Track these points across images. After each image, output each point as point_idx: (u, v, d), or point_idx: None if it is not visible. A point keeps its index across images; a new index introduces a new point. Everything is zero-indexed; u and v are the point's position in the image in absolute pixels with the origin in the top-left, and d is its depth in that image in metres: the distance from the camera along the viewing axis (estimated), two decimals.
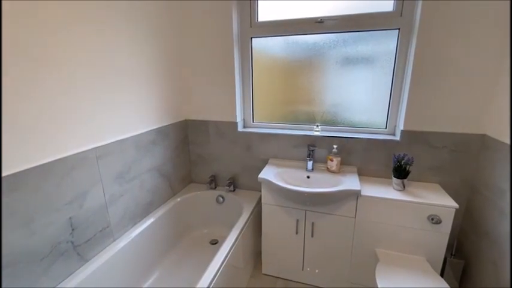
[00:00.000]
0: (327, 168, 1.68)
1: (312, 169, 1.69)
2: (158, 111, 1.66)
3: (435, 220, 1.33)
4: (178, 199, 1.87)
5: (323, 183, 1.56)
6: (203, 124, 1.96)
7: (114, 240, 1.37)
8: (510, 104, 0.45)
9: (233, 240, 1.42)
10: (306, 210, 1.56)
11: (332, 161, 1.64)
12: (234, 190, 1.99)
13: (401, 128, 1.56)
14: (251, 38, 1.78)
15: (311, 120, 1.84)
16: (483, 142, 1.43)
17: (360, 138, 1.65)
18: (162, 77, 1.66)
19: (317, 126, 1.74)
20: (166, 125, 1.76)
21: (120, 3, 1.28)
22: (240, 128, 1.91)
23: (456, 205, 1.32)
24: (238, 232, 1.50)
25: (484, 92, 1.38)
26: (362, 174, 1.68)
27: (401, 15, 1.48)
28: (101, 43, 1.20)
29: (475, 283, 1.43)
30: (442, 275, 1.50)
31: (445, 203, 1.34)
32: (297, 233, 1.62)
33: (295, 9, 1.66)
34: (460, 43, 1.34)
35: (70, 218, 1.12)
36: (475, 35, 1.31)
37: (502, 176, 1.26)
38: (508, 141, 1.23)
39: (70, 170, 1.10)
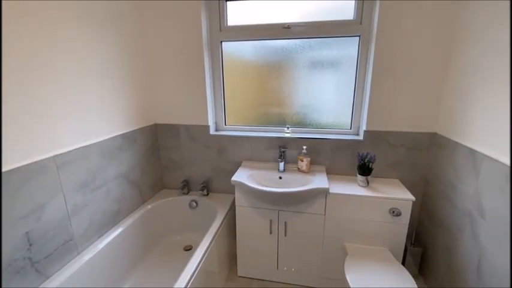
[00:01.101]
0: (298, 168, 1.74)
1: (284, 170, 1.74)
2: (125, 115, 1.60)
3: (395, 213, 1.44)
4: (149, 206, 1.81)
5: (294, 183, 1.61)
6: (174, 128, 1.92)
7: (79, 253, 1.29)
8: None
9: (207, 245, 1.41)
10: (279, 210, 1.59)
11: (302, 161, 1.70)
12: (207, 194, 1.98)
13: (364, 128, 1.67)
14: (221, 42, 1.79)
15: (282, 122, 1.89)
16: (434, 140, 1.59)
17: (327, 138, 1.73)
18: (127, 79, 1.61)
19: (288, 128, 1.80)
20: (134, 130, 1.69)
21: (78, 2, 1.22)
22: (212, 131, 1.90)
23: (413, 198, 1.44)
24: (212, 236, 1.49)
25: (432, 94, 1.53)
26: (330, 172, 1.77)
27: (361, 24, 1.59)
28: (53, 39, 1.12)
29: (432, 268, 1.57)
30: (403, 263, 1.63)
31: (403, 196, 1.46)
32: (270, 233, 1.65)
33: (263, 14, 1.71)
34: (410, 50, 1.48)
35: (27, 232, 1.03)
36: (423, 42, 1.46)
37: (451, 169, 1.40)
38: (454, 139, 1.38)
39: (26, 181, 1.02)
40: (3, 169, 0.94)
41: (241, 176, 1.64)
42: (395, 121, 1.61)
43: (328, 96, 1.80)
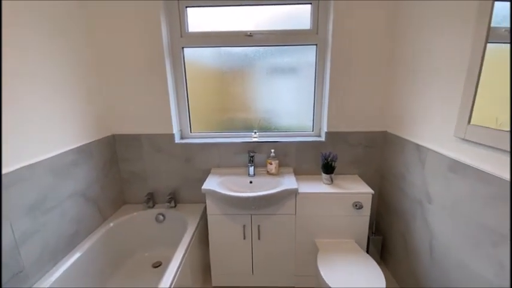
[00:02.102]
0: (267, 171, 1.78)
1: (254, 174, 1.76)
2: (78, 127, 1.46)
3: (358, 206, 1.57)
4: (111, 224, 1.66)
5: (265, 186, 1.64)
6: (134, 138, 1.81)
7: (32, 285, 1.12)
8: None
9: (179, 260, 1.34)
10: (251, 215, 1.61)
11: (271, 164, 1.75)
12: (175, 206, 1.89)
13: (325, 130, 1.79)
14: (182, 48, 1.76)
15: (249, 127, 1.92)
16: (385, 137, 1.78)
17: (293, 141, 1.81)
18: (79, 88, 1.47)
19: (255, 132, 1.83)
20: (89, 143, 1.55)
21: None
22: (177, 140, 1.84)
23: (372, 191, 1.59)
24: (184, 250, 1.43)
25: (382, 96, 1.71)
26: (297, 173, 1.85)
27: (317, 33, 1.71)
28: None
29: (391, 253, 1.74)
30: (367, 251, 1.77)
31: (363, 190, 1.60)
32: (244, 238, 1.65)
33: (226, 22, 1.73)
34: (362, 57, 1.64)
35: None
36: (373, 49, 1.63)
37: (401, 163, 1.58)
38: (402, 136, 1.57)
39: None
40: None
41: (212, 184, 1.61)
42: (352, 122, 1.76)
43: (291, 101, 1.89)
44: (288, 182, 1.62)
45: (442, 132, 1.21)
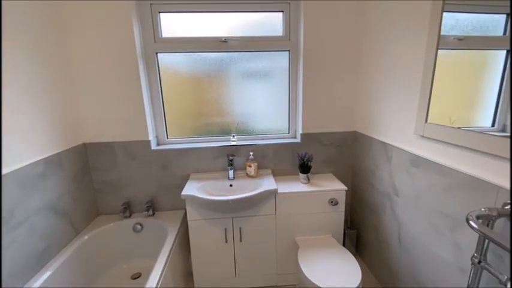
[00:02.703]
0: (247, 174, 1.82)
1: (234, 177, 1.79)
2: (46, 136, 1.38)
3: (333, 202, 1.66)
4: (86, 237, 1.58)
5: (246, 189, 1.67)
6: (107, 146, 1.74)
7: None
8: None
9: (161, 269, 1.31)
10: (232, 218, 1.63)
11: (250, 167, 1.78)
12: (153, 214, 1.85)
13: (300, 131, 1.87)
14: (156, 53, 1.74)
15: (227, 131, 1.94)
16: (355, 137, 1.90)
17: (270, 143, 1.87)
18: (48, 95, 1.40)
19: (233, 136, 1.86)
20: (58, 153, 1.47)
21: None
22: (153, 146, 1.81)
23: (345, 187, 1.69)
24: (165, 258, 1.40)
25: (351, 97, 1.83)
26: (276, 174, 1.90)
27: (289, 39, 1.79)
28: None
29: (365, 245, 1.86)
30: (344, 245, 1.87)
31: (338, 187, 1.69)
32: (226, 241, 1.66)
33: (200, 28, 1.74)
34: (333, 61, 1.75)
35: None
36: (342, 53, 1.75)
37: (370, 160, 1.71)
38: (370, 135, 1.69)
39: None
40: None
41: (192, 189, 1.61)
42: (325, 123, 1.86)
43: (267, 104, 1.95)
44: (268, 184, 1.67)
45: (405, 131, 1.33)
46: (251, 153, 1.80)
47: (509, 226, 0.55)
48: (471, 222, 0.80)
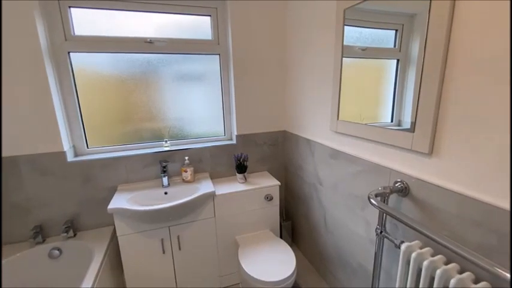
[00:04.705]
0: (183, 179, 1.77)
1: (168, 184, 1.71)
2: None
3: (269, 198, 1.77)
4: None
5: (181, 195, 1.62)
6: (9, 161, 1.46)
7: None
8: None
9: None
10: (169, 227, 1.56)
11: (186, 171, 1.74)
12: (75, 235, 1.62)
13: (236, 133, 1.93)
14: (68, 53, 1.54)
15: (158, 136, 1.85)
16: (285, 136, 2.06)
17: (206, 146, 1.87)
18: None
19: (166, 141, 1.79)
20: None
21: None
22: (70, 158, 1.59)
23: (279, 183, 1.82)
24: (91, 283, 1.25)
25: (279, 99, 1.98)
26: (214, 177, 1.91)
27: (218, 44, 1.83)
28: None
29: (299, 234, 2.03)
30: (281, 237, 2.01)
31: (272, 183, 1.81)
32: (164, 252, 1.58)
33: (123, 27, 1.62)
34: (261, 65, 1.86)
35: None
36: (269, 57, 1.87)
37: (297, 155, 1.88)
38: (296, 133, 1.86)
39: None
40: None
41: (120, 202, 1.48)
42: (258, 124, 1.97)
43: (201, 108, 1.93)
44: (205, 187, 1.66)
45: (323, 128, 1.52)
46: (186, 157, 1.76)
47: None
48: (371, 200, 0.97)
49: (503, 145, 0.69)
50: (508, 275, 0.60)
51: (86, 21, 1.56)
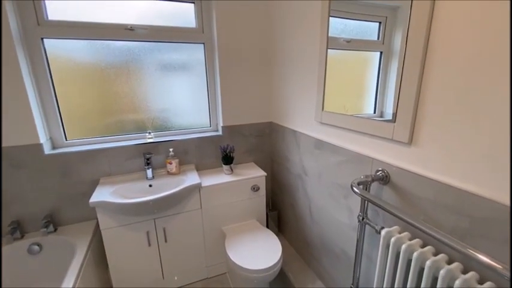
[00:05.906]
0: (168, 171, 1.74)
1: (153, 176, 1.68)
2: None
3: (255, 188, 1.78)
4: None
5: (166, 187, 1.60)
6: None
7: None
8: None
9: None
10: (154, 219, 1.55)
11: (171, 163, 1.72)
12: (55, 230, 1.57)
13: (222, 124, 1.91)
14: (42, 39, 1.45)
15: (141, 128, 1.80)
16: (271, 127, 2.07)
17: (191, 138, 1.84)
18: None
19: (149, 133, 1.74)
20: None
21: None
22: (47, 151, 1.52)
23: (265, 173, 1.83)
24: (73, 279, 1.21)
25: (266, 90, 1.98)
26: (200, 169, 1.90)
27: (203, 32, 1.78)
28: None
29: (286, 223, 2.07)
30: (267, 226, 2.04)
31: (258, 174, 1.82)
32: (149, 245, 1.57)
33: (101, 12, 1.54)
34: (247, 55, 1.84)
35: None
36: (255, 46, 1.85)
37: (284, 146, 1.89)
38: (283, 124, 1.87)
39: None
40: None
41: (103, 195, 1.44)
42: (244, 115, 1.96)
43: (185, 98, 1.90)
44: (191, 179, 1.65)
45: (308, 119, 1.54)
46: (171, 149, 1.73)
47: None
48: (354, 188, 1.00)
49: (476, 135, 0.73)
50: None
51: (61, 5, 1.47)
